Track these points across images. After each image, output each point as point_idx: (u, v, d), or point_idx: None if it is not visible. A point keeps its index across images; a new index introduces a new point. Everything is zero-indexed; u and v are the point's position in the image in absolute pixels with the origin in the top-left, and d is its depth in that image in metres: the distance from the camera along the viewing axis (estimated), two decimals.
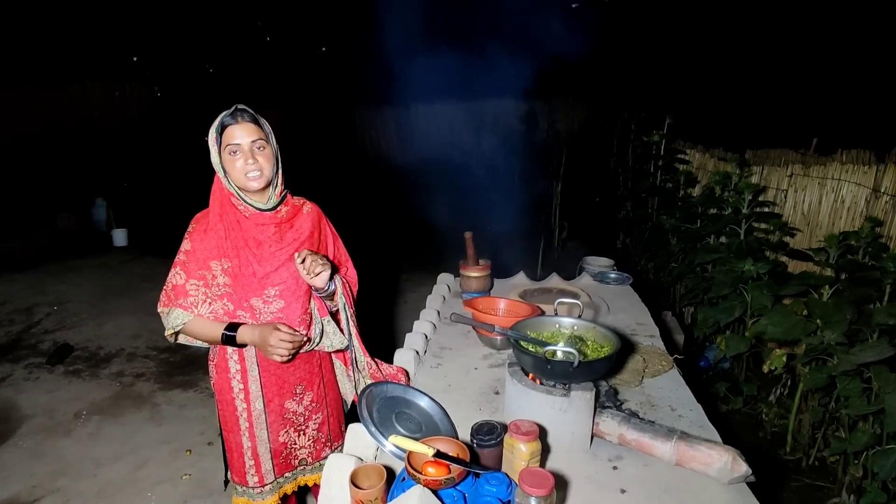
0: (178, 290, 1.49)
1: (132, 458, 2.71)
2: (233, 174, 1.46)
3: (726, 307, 2.80)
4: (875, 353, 1.76)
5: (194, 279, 1.49)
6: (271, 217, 1.53)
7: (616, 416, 1.40)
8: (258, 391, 1.60)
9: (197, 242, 1.49)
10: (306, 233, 1.61)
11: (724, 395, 3.10)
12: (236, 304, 1.52)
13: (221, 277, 1.50)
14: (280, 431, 1.66)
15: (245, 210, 1.51)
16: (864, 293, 2.01)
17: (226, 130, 1.44)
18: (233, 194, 1.50)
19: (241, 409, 1.61)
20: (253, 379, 1.60)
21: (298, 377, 1.66)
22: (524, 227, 6.35)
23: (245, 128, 1.44)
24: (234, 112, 1.45)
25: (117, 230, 6.85)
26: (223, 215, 1.50)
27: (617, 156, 7.18)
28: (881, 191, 2.58)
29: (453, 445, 1.18)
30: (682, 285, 3.94)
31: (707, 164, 4.42)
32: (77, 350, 3.92)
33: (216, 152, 1.46)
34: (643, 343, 1.95)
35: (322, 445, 1.78)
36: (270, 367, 1.60)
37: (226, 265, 1.50)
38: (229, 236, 1.49)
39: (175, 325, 1.48)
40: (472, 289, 2.40)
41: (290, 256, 1.55)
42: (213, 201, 1.52)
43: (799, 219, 3.23)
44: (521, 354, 1.41)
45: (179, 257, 1.50)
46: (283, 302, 1.54)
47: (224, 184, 1.49)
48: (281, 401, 1.64)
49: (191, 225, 1.53)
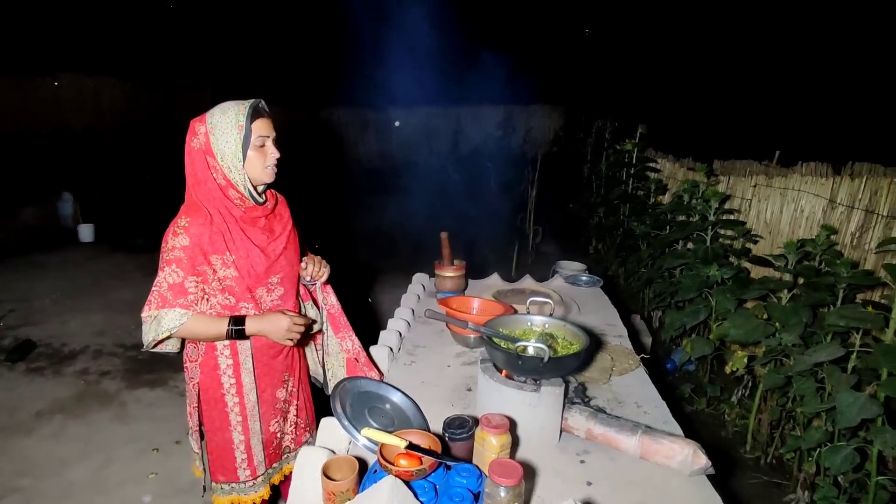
0: (177, 289, 1.40)
1: (97, 458, 2.65)
2: (254, 164, 1.45)
3: (692, 311, 2.90)
4: (828, 353, 1.86)
5: (193, 276, 1.42)
6: (263, 209, 1.55)
7: (584, 411, 1.44)
8: (252, 383, 1.60)
9: (196, 237, 1.41)
10: (288, 222, 1.66)
11: (689, 396, 3.20)
12: (239, 296, 1.50)
13: (223, 271, 1.46)
14: (271, 421, 1.69)
15: (242, 203, 1.49)
16: (819, 297, 2.11)
17: (258, 120, 1.44)
18: (233, 187, 1.46)
19: (233, 403, 1.59)
20: (247, 371, 1.59)
21: (286, 364, 1.71)
22: (499, 230, 6.43)
23: (270, 122, 1.48)
24: (260, 104, 1.46)
25: (84, 225, 6.66)
26: (219, 209, 1.45)
27: (591, 163, 7.32)
28: (837, 201, 2.71)
29: (425, 438, 1.21)
30: (650, 290, 4.05)
31: (677, 173, 4.56)
32: (40, 347, 3.81)
33: (237, 139, 1.41)
34: (612, 342, 2.01)
35: (302, 430, 1.83)
36: (264, 358, 1.62)
37: (229, 258, 1.46)
38: (230, 229, 1.46)
39: (171, 328, 1.39)
40: (447, 288, 2.43)
41: (285, 246, 1.59)
42: (207, 194, 1.45)
43: (762, 227, 3.36)
44: (493, 350, 1.44)
45: (174, 254, 1.40)
46: (282, 289, 1.60)
47: (228, 174, 1.45)
48: (273, 390, 1.68)
49: (182, 220, 1.42)
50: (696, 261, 2.97)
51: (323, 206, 7.20)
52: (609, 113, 7.12)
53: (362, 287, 4.96)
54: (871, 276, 1.95)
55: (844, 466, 1.82)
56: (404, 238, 6.01)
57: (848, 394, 1.73)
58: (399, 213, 6.92)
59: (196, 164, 1.45)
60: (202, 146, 1.44)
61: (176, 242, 1.41)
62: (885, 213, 2.43)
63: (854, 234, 2.60)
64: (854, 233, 2.60)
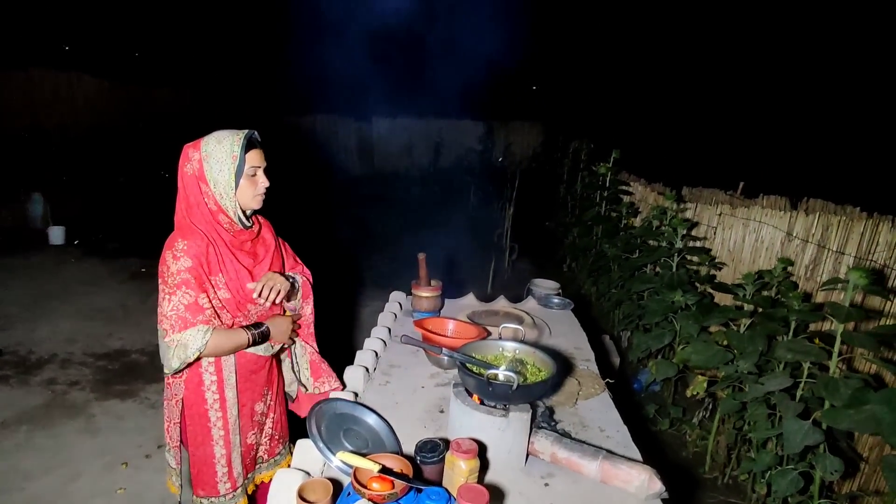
0: (194, 309, 1.44)
1: (63, 471, 2.61)
2: (245, 192, 1.52)
3: (657, 334, 3.02)
4: (778, 382, 1.98)
5: (203, 293, 1.47)
6: (249, 233, 1.63)
7: (549, 435, 1.52)
8: (234, 398, 1.66)
9: (196, 258, 1.46)
10: (271, 243, 1.74)
11: (654, 416, 3.32)
12: (233, 313, 1.58)
13: (219, 291, 1.54)
14: (249, 433, 1.75)
15: (231, 227, 1.56)
16: (773, 328, 2.25)
17: (252, 150, 1.52)
18: (223, 212, 1.53)
19: (216, 419, 1.64)
20: (230, 387, 1.64)
21: (267, 378, 1.77)
22: (477, 245, 6.53)
23: (262, 153, 1.56)
24: (254, 135, 1.55)
25: (54, 227, 6.51)
26: (209, 231, 1.52)
27: (567, 183, 7.50)
28: (793, 234, 2.87)
29: (398, 462, 1.26)
30: (620, 311, 4.18)
31: (648, 197, 4.73)
32: (5, 354, 3.72)
33: (231, 168, 1.48)
34: (579, 367, 2.10)
35: (276, 442, 1.89)
36: (247, 373, 1.69)
37: (222, 279, 1.53)
38: (219, 251, 1.53)
39: (199, 347, 1.43)
40: (423, 308, 2.49)
41: (270, 267, 1.68)
42: (197, 217, 1.51)
43: (726, 254, 3.52)
44: (465, 376, 1.51)
45: (181, 277, 1.44)
46: (266, 306, 1.66)
47: (222, 201, 1.51)
48: (252, 404, 1.74)
49: (179, 243, 1.46)
50: (663, 286, 3.10)
51: (302, 214, 7.19)
52: (586, 135, 7.32)
53: (340, 299, 4.98)
54: (820, 310, 2.08)
55: (790, 489, 1.94)
56: (383, 249, 6.06)
57: (794, 421, 1.85)
58: (379, 223, 6.97)
59: (189, 188, 1.51)
60: (195, 172, 1.50)
61: (180, 265, 1.45)
62: (834, 249, 2.59)
63: (808, 266, 2.76)
64: (808, 265, 2.76)
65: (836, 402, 1.77)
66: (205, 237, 1.49)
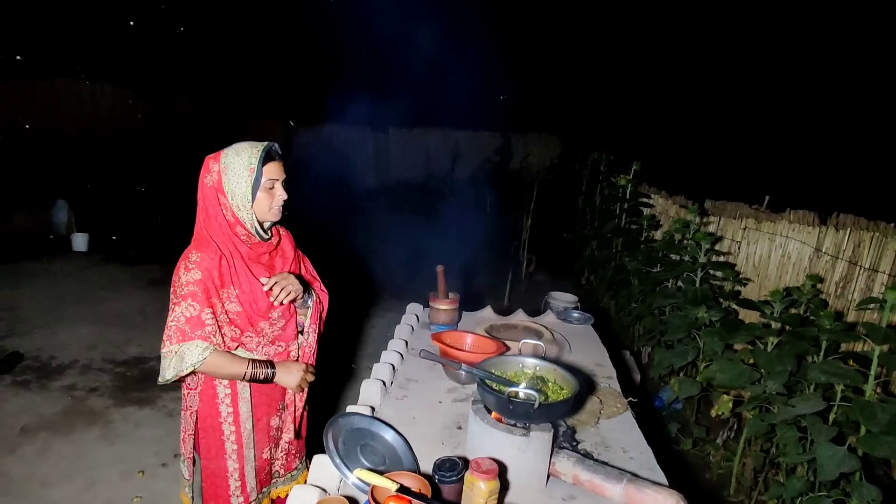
0: (194, 322, 1.44)
1: (81, 479, 2.62)
2: (262, 205, 1.51)
3: (680, 351, 2.94)
4: (810, 405, 1.91)
5: (208, 308, 1.47)
6: (267, 246, 1.62)
7: (571, 456, 1.47)
8: (248, 412, 1.65)
9: (207, 271, 1.47)
10: (290, 256, 1.72)
11: (676, 435, 3.23)
12: (243, 328, 1.56)
13: (229, 304, 1.52)
14: (264, 449, 1.73)
15: (248, 239, 1.56)
16: (803, 347, 2.17)
17: (270, 163, 1.51)
18: (241, 223, 1.52)
19: (229, 432, 1.63)
20: (244, 401, 1.63)
21: (282, 393, 1.75)
22: (494, 256, 6.49)
23: (281, 165, 1.54)
24: (273, 148, 1.53)
25: (78, 234, 6.64)
26: (225, 244, 1.52)
27: (585, 194, 7.43)
28: (822, 250, 2.79)
29: (416, 481, 1.23)
30: (641, 326, 4.09)
31: (669, 210, 4.65)
32: (27, 359, 3.78)
33: (248, 181, 1.48)
34: (600, 384, 2.05)
35: (292, 457, 1.86)
36: (262, 388, 1.66)
37: (234, 292, 1.52)
38: (234, 264, 1.53)
39: (195, 363, 1.43)
40: (441, 321, 2.46)
41: None
42: (215, 230, 1.51)
43: (750, 269, 3.43)
44: (485, 393, 1.47)
45: (188, 289, 1.45)
46: (283, 321, 1.66)
47: (239, 213, 1.51)
48: (268, 419, 1.73)
49: (193, 254, 1.48)
50: (686, 302, 3.03)
51: (319, 224, 7.23)
52: (605, 146, 7.26)
53: (357, 309, 4.97)
54: (852, 331, 2.01)
55: None
56: (400, 259, 6.05)
57: (827, 447, 1.77)
58: (395, 233, 6.97)
59: (207, 199, 1.51)
60: (214, 184, 1.50)
61: (189, 277, 1.46)
62: (867, 266, 2.50)
63: (838, 283, 2.67)
64: (838, 283, 2.67)
65: (873, 428, 1.69)
66: (219, 250, 1.50)
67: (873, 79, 9.50)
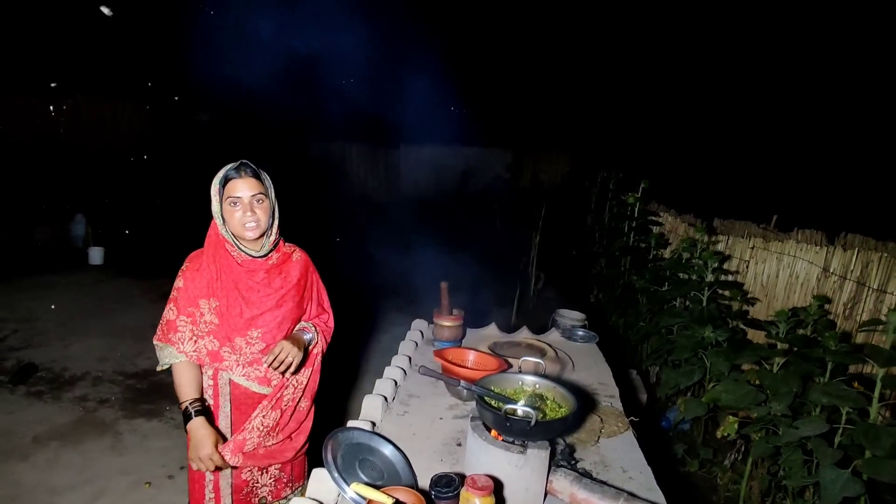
0: (170, 325, 1.59)
1: (88, 489, 2.66)
2: (231, 223, 1.57)
3: (686, 371, 2.93)
4: (814, 427, 1.89)
5: (184, 315, 1.59)
6: (262, 263, 1.65)
7: (569, 475, 1.47)
8: (227, 427, 1.67)
9: (189, 281, 1.59)
10: (294, 280, 1.71)
11: (683, 456, 3.19)
12: (221, 341, 1.60)
13: (209, 315, 1.59)
14: (243, 469, 1.72)
15: (238, 256, 1.62)
16: (808, 368, 2.15)
17: (229, 183, 1.55)
18: (227, 241, 1.60)
19: None
20: (224, 415, 1.67)
21: None
22: (503, 273, 6.49)
23: (247, 182, 1.55)
24: (238, 167, 1.56)
25: (94, 248, 6.78)
26: (216, 257, 1.60)
27: (594, 212, 7.44)
28: (830, 271, 2.77)
29: (411, 496, 1.24)
30: (648, 345, 4.07)
31: (678, 228, 4.64)
32: (41, 371, 3.85)
33: (217, 202, 1.57)
34: (602, 403, 2.04)
35: (283, 486, 1.84)
36: (241, 407, 1.67)
37: (213, 304, 1.59)
38: (220, 277, 1.59)
39: (163, 364, 1.60)
40: (445, 337, 2.47)
41: (278, 303, 1.66)
42: (207, 244, 1.63)
43: (759, 289, 3.41)
44: (483, 410, 1.48)
45: (173, 294, 1.61)
46: (263, 344, 1.64)
47: (220, 230, 1.60)
48: None
49: (185, 263, 1.63)
50: (692, 321, 3.01)
51: (328, 239, 7.31)
52: (614, 164, 7.28)
53: (361, 325, 4.99)
54: (858, 353, 1.99)
55: None
56: (408, 275, 6.07)
57: (831, 470, 1.75)
58: (404, 249, 7.01)
59: (214, 218, 1.62)
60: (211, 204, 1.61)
61: (177, 283, 1.61)
62: (875, 287, 2.48)
63: (846, 304, 2.65)
64: (846, 303, 2.65)
65: (877, 452, 1.67)
66: (205, 262, 1.60)
67: (882, 99, 9.47)
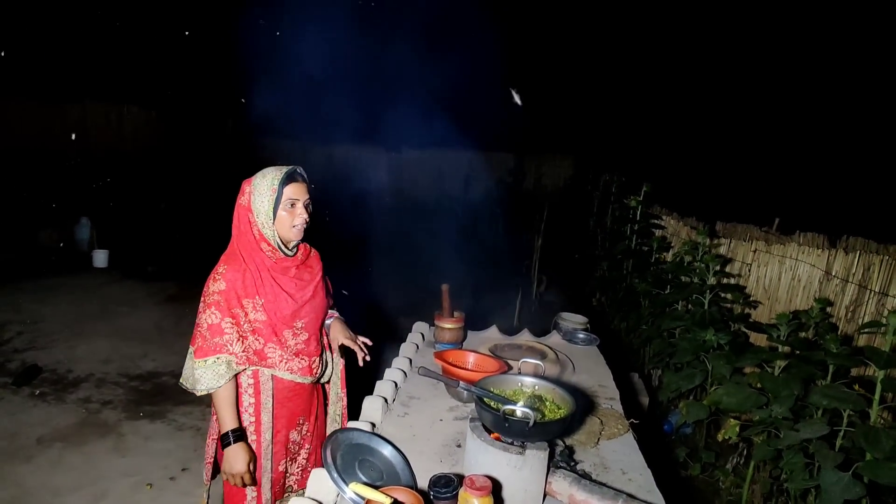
0: (214, 329, 1.58)
1: (91, 490, 2.67)
2: (283, 223, 1.63)
3: (688, 374, 2.92)
4: (814, 430, 1.88)
5: (228, 317, 1.60)
6: (293, 260, 1.74)
7: (567, 476, 1.47)
8: (269, 422, 1.74)
9: (230, 282, 1.60)
10: (318, 273, 1.84)
11: (685, 460, 3.18)
12: (267, 337, 1.66)
13: (253, 314, 1.64)
14: (280, 461, 1.81)
15: (272, 255, 1.68)
16: (809, 371, 2.14)
17: (289, 185, 1.63)
18: (265, 240, 1.66)
19: (250, 441, 1.71)
20: (266, 410, 1.74)
21: (304, 409, 1.84)
22: (505, 276, 6.49)
23: (303, 187, 1.66)
24: (295, 171, 1.66)
25: (99, 251, 6.81)
26: (252, 258, 1.65)
27: (597, 216, 7.44)
28: (832, 274, 2.77)
29: (410, 496, 1.25)
30: (650, 348, 4.06)
31: (681, 232, 4.64)
32: (45, 372, 3.87)
33: (269, 201, 1.61)
34: (602, 405, 2.04)
35: (308, 474, 1.88)
36: (284, 399, 1.77)
37: (259, 302, 1.64)
38: (260, 275, 1.65)
39: (203, 390, 1.57)
40: (446, 340, 2.48)
41: (313, 294, 1.78)
42: (241, 244, 1.66)
43: (761, 292, 3.40)
44: (482, 411, 1.49)
45: (213, 298, 1.59)
46: (307, 334, 1.76)
47: (263, 229, 1.64)
48: (287, 431, 1.81)
49: (220, 266, 1.64)
50: (694, 324, 3.01)
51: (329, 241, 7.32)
52: (616, 168, 7.29)
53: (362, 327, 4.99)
54: (859, 356, 1.98)
55: None
56: (410, 278, 6.08)
57: (832, 473, 1.74)
58: (406, 252, 7.02)
59: (240, 217, 1.66)
60: (246, 203, 1.65)
61: (215, 287, 1.60)
62: (877, 290, 2.48)
63: (848, 307, 2.64)
64: (848, 306, 2.65)
65: (877, 454, 1.66)
66: (244, 263, 1.63)
67: (882, 101, 9.45)
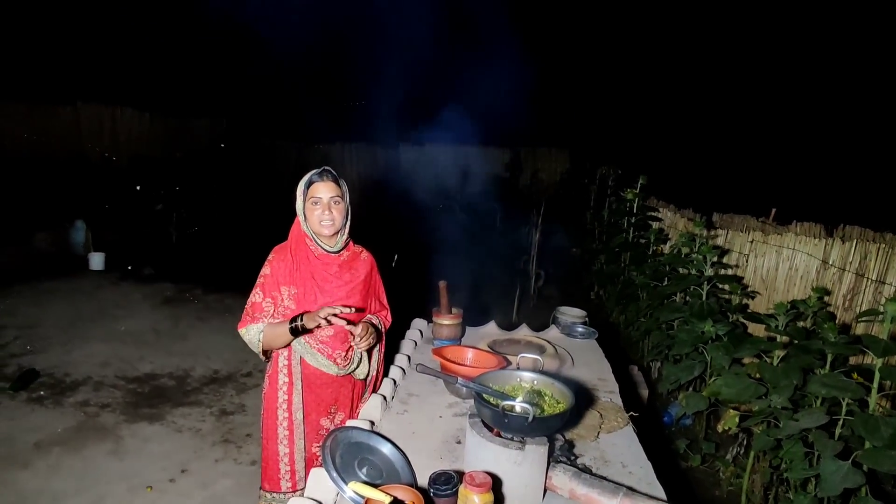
0: (256, 307, 1.81)
1: (90, 494, 2.66)
2: (311, 220, 1.82)
3: (687, 365, 2.92)
4: (813, 419, 1.88)
5: (269, 298, 1.82)
6: (335, 258, 1.89)
7: (568, 470, 1.47)
8: (300, 403, 1.90)
9: (275, 269, 1.83)
10: (362, 276, 1.96)
11: (685, 451, 3.18)
12: None
13: (287, 300, 1.82)
14: (314, 444, 1.93)
15: (315, 250, 1.86)
16: (808, 361, 2.14)
17: (312, 185, 1.81)
18: (307, 236, 1.86)
19: (283, 417, 1.89)
20: (297, 392, 1.89)
21: (333, 397, 1.96)
22: (503, 271, 6.48)
23: (327, 185, 1.81)
24: (321, 172, 1.83)
25: (95, 254, 6.76)
26: (297, 251, 1.85)
27: (594, 209, 7.43)
28: (829, 263, 2.77)
29: (409, 494, 1.24)
30: (649, 340, 4.06)
31: (678, 224, 4.64)
32: (43, 376, 3.85)
33: (301, 201, 1.82)
34: (602, 399, 2.04)
35: None
36: (312, 386, 1.91)
37: (292, 291, 1.82)
38: (299, 268, 1.83)
39: (254, 341, 1.78)
40: (444, 336, 2.47)
41: (347, 293, 1.90)
42: (291, 238, 1.88)
43: (758, 282, 3.41)
44: (481, 407, 1.48)
45: (260, 280, 1.83)
46: (332, 330, 1.86)
47: (302, 226, 1.85)
48: (317, 417, 1.94)
49: (270, 255, 1.86)
50: (692, 315, 3.01)
51: None
52: (613, 161, 7.28)
53: None
54: (857, 344, 1.98)
55: None
56: (408, 274, 6.06)
57: (831, 462, 1.74)
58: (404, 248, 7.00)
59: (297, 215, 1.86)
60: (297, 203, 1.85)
61: (264, 271, 1.84)
62: (874, 278, 2.48)
63: (846, 296, 2.64)
64: (846, 295, 2.65)
65: (876, 442, 1.66)
66: (290, 254, 1.84)
67: (879, 91, 9.48)
